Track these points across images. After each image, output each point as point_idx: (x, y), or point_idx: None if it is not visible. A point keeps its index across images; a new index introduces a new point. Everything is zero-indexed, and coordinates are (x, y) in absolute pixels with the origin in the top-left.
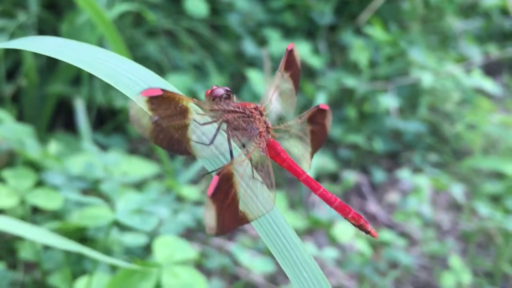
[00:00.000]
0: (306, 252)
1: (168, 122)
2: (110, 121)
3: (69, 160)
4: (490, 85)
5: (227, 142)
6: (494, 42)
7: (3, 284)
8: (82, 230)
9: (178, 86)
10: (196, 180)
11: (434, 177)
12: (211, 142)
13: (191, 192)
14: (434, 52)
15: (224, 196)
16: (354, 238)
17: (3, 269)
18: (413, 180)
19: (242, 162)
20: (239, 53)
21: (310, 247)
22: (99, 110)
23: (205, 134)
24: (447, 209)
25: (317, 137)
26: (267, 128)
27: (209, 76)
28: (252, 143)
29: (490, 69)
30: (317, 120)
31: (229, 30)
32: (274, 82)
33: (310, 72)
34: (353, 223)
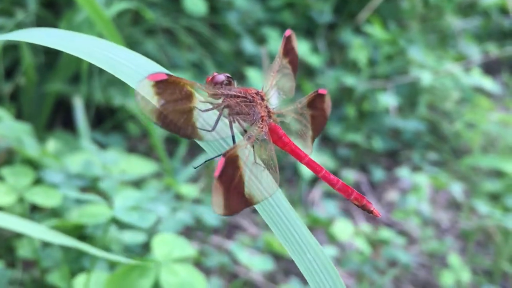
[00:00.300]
0: (309, 233)
1: (173, 106)
2: (109, 119)
3: (67, 158)
4: (489, 83)
5: (229, 127)
6: (493, 41)
7: (2, 282)
8: (80, 228)
9: None
10: (195, 178)
11: (433, 175)
12: (214, 127)
13: (190, 190)
14: (433, 50)
15: (230, 177)
16: (353, 237)
17: (2, 267)
18: (412, 178)
19: (245, 146)
20: (238, 51)
21: None
22: (98, 108)
23: (208, 119)
24: (446, 207)
25: (317, 121)
26: (269, 112)
27: (208, 74)
28: (254, 128)
29: (489, 67)
30: (316, 105)
31: (228, 29)
32: (273, 68)
33: (309, 70)
34: (356, 204)
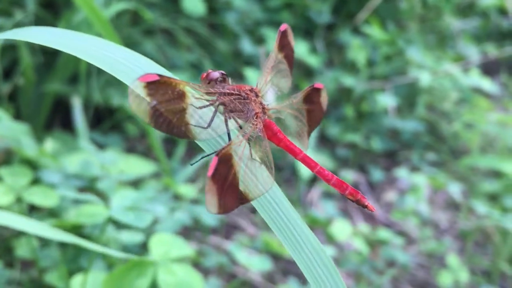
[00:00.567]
0: (306, 228)
1: (166, 107)
2: (107, 119)
3: (66, 158)
4: (488, 84)
5: (224, 125)
6: (492, 42)
7: (0, 282)
8: (78, 227)
9: None
10: (193, 178)
11: (432, 176)
12: (209, 125)
13: (188, 190)
14: (432, 51)
15: (224, 176)
16: (352, 237)
17: (0, 267)
18: (411, 179)
19: (240, 143)
20: (237, 52)
21: None
22: (97, 108)
23: (202, 117)
24: (445, 207)
25: (313, 116)
26: (263, 109)
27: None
28: (249, 124)
29: (488, 68)
30: (312, 99)
31: (226, 29)
32: (269, 64)
33: (308, 71)
34: (350, 199)
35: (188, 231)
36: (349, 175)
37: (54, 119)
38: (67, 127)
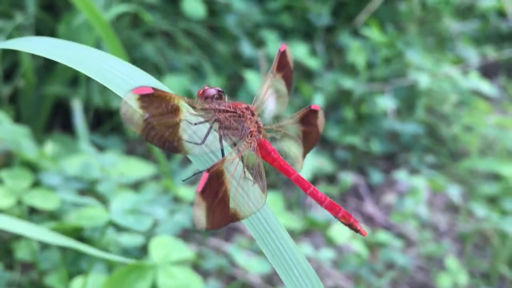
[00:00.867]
0: (298, 250)
1: (159, 120)
2: (107, 122)
3: (66, 160)
4: (487, 86)
5: (219, 141)
6: (491, 44)
7: (0, 284)
8: (78, 230)
9: (175, 87)
10: (193, 181)
11: (431, 178)
12: (203, 142)
13: (188, 193)
14: (431, 53)
15: (214, 193)
16: (351, 239)
17: (0, 269)
18: (410, 181)
19: (233, 160)
20: (236, 54)
21: (307, 248)
22: (96, 111)
23: (196, 133)
24: (444, 210)
25: (309, 137)
26: (259, 128)
27: (206, 77)
28: (243, 142)
29: (487, 70)
30: (309, 120)
31: (226, 32)
32: (266, 83)
33: (307, 73)
34: (343, 222)
35: (187, 234)
36: (348, 177)
37: (54, 122)
38: (67, 130)
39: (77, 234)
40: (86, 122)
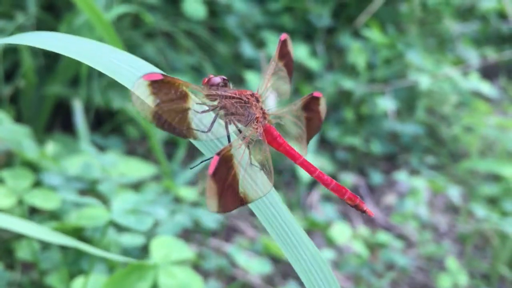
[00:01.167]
0: (303, 232)
1: (168, 106)
2: (108, 122)
3: (67, 160)
4: (487, 87)
5: (225, 128)
6: (491, 45)
7: (1, 284)
8: (79, 230)
9: None
10: (194, 181)
11: (431, 179)
12: (209, 129)
13: (189, 193)
14: (431, 54)
15: (224, 176)
16: (351, 240)
17: (1, 269)
18: (410, 182)
19: (239, 146)
20: (237, 55)
21: None
22: (97, 111)
23: (203, 119)
24: (444, 211)
25: (312, 123)
26: (264, 114)
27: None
28: (249, 128)
29: (487, 72)
30: (311, 107)
31: (227, 32)
32: (269, 71)
33: (308, 74)
34: (349, 203)
35: (188, 234)
36: (348, 178)
37: (55, 122)
38: (68, 130)
39: (78, 234)
40: (87, 122)
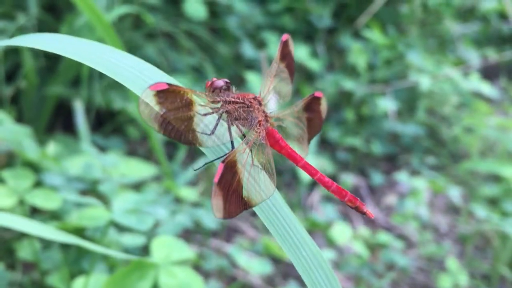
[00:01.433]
0: (304, 231)
1: (174, 114)
2: (109, 122)
3: (68, 161)
4: (488, 88)
5: (228, 132)
6: (492, 46)
7: (2, 284)
8: (80, 230)
9: None
10: (194, 181)
11: (432, 179)
12: (212, 132)
13: (189, 193)
14: (432, 55)
15: (229, 182)
16: (352, 240)
17: (2, 269)
18: (411, 182)
19: (243, 150)
20: (238, 55)
21: None
22: (98, 111)
23: (208, 125)
24: (445, 211)
25: (313, 124)
26: (266, 117)
27: (207, 78)
28: (252, 132)
29: (488, 72)
30: (312, 107)
31: (228, 33)
32: (271, 73)
33: (308, 75)
34: (349, 205)
35: (189, 234)
36: (349, 179)
37: (56, 122)
38: (69, 130)
39: (79, 234)
40: (88, 123)
